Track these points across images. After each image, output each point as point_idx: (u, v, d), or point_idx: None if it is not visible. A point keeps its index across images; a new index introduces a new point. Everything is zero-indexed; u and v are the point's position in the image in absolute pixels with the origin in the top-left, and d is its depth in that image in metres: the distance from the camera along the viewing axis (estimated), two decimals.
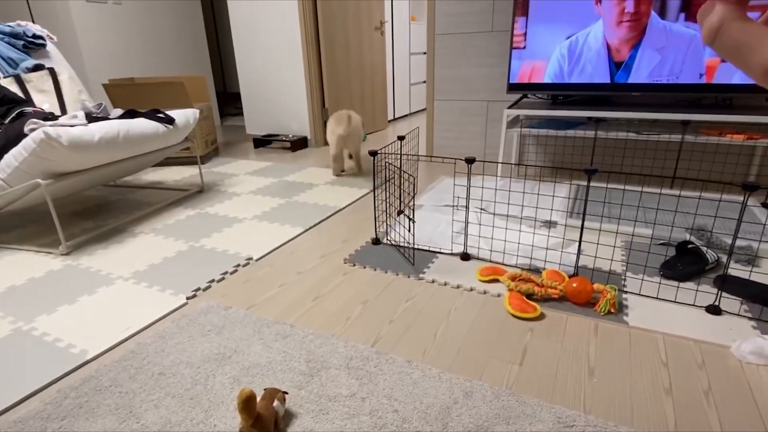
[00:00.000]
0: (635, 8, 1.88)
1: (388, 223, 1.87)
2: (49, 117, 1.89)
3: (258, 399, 0.86)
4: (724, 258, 1.44)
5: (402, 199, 2.08)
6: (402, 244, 1.65)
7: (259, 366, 1.04)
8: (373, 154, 1.56)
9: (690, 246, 1.42)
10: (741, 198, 1.91)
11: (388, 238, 1.73)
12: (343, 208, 2.11)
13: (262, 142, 3.54)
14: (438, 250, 1.60)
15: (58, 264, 1.60)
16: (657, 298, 1.26)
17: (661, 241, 1.59)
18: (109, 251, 1.69)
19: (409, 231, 1.74)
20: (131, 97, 2.75)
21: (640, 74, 1.96)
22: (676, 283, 1.33)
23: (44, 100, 2.19)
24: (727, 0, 0.23)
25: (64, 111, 2.24)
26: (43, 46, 2.40)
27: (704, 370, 1.00)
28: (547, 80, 2.14)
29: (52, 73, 2.27)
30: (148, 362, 1.06)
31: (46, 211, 2.18)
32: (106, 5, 3.52)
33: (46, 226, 1.98)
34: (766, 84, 0.22)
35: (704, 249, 1.39)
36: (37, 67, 2.25)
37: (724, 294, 1.26)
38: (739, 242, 1.50)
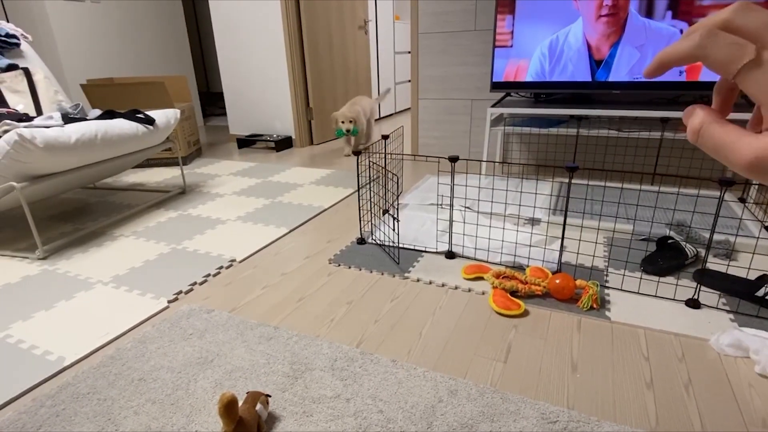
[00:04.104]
0: (613, 1, 1.90)
1: (373, 222, 1.87)
2: (23, 118, 1.84)
3: (240, 403, 0.85)
4: (703, 252, 1.47)
5: (387, 199, 2.08)
6: (387, 244, 1.65)
7: (242, 369, 1.02)
8: (357, 153, 1.56)
9: (670, 241, 1.44)
10: (718, 193, 1.95)
11: (373, 237, 1.72)
12: (328, 208, 2.10)
13: (246, 143, 3.50)
14: (423, 249, 1.60)
15: (35, 269, 1.56)
16: (638, 293, 1.28)
17: (642, 237, 1.61)
18: (88, 255, 1.66)
19: (394, 230, 1.74)
20: (110, 98, 2.69)
21: (620, 72, 1.99)
22: (656, 278, 1.35)
23: (19, 101, 2.13)
24: (708, 107, 0.27)
25: (39, 112, 2.18)
26: (17, 45, 2.34)
27: (684, 363, 1.01)
28: (528, 79, 2.16)
29: (27, 73, 2.21)
30: (128, 368, 1.04)
31: (22, 215, 2.12)
32: (84, 4, 3.44)
33: (22, 229, 1.93)
34: (750, 177, 0.24)
35: (683, 244, 1.42)
36: (11, 67, 2.19)
37: (703, 288, 1.28)
38: (716, 236, 1.53)
